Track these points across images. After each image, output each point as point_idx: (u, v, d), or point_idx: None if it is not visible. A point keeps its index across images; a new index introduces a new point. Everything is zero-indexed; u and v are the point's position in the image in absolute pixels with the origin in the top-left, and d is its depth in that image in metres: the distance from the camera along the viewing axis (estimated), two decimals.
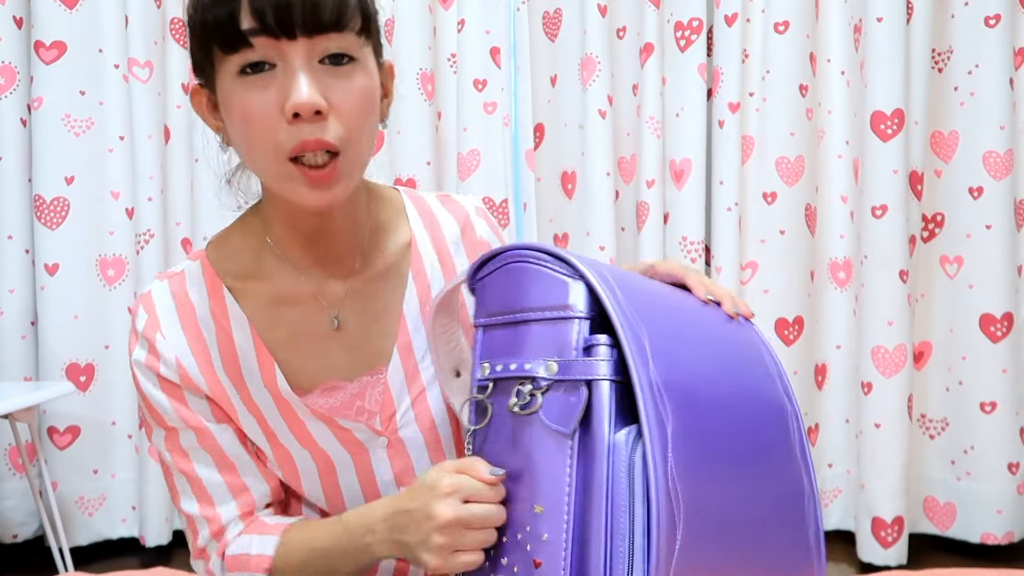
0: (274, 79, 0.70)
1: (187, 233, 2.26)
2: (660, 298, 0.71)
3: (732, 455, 0.66)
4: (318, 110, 0.69)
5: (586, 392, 0.63)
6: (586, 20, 2.21)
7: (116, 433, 2.24)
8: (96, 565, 2.15)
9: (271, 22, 0.68)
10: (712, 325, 0.73)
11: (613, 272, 0.69)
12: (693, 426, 0.63)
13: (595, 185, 2.22)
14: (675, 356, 0.65)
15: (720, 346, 0.71)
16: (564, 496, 0.63)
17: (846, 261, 2.21)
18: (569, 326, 0.65)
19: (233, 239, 0.85)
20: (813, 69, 2.23)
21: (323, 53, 0.70)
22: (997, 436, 2.14)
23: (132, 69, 2.21)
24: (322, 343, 0.82)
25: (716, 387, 0.67)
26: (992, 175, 2.13)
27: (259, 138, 0.71)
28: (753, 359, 0.73)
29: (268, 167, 0.73)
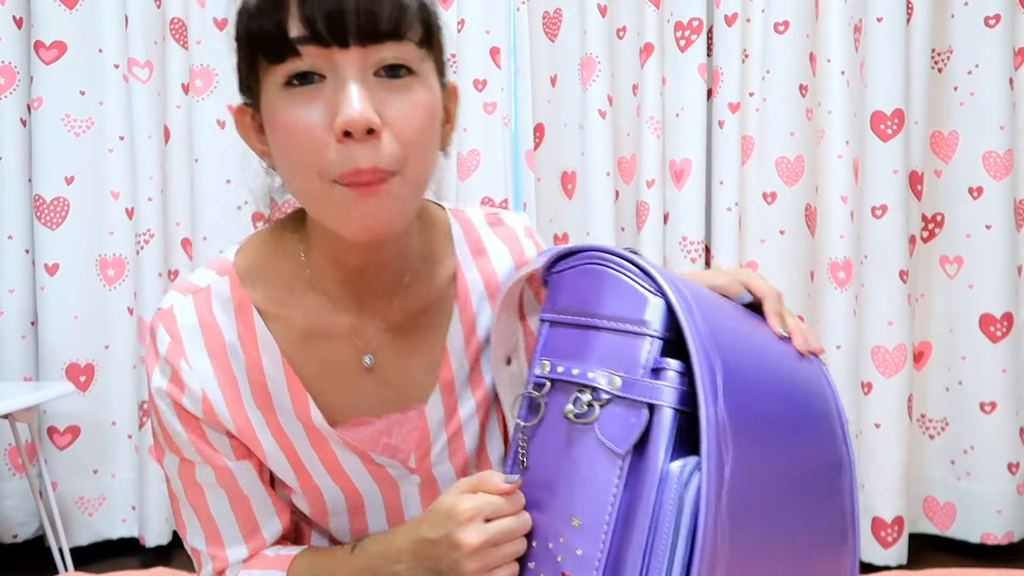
0: (323, 92, 0.63)
1: (187, 233, 2.26)
2: (736, 325, 0.68)
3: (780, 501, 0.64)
4: (371, 128, 0.62)
5: (647, 415, 0.60)
6: (586, 20, 2.21)
7: (116, 433, 2.24)
8: (96, 565, 2.15)
9: (321, 29, 0.62)
10: (783, 363, 0.69)
11: (693, 291, 0.65)
12: (749, 468, 0.60)
13: (595, 185, 2.22)
14: (744, 394, 0.62)
15: (787, 388, 0.68)
16: (606, 515, 0.61)
17: (846, 261, 2.21)
18: (641, 342, 0.63)
19: (265, 257, 0.77)
20: (813, 69, 2.23)
21: (378, 64, 0.64)
22: (997, 436, 2.14)
23: (132, 69, 2.20)
24: (354, 380, 0.78)
25: (777, 430, 0.65)
26: (992, 175, 2.13)
27: (303, 156, 0.64)
28: (817, 406, 0.70)
29: (311, 189, 0.65)
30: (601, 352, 0.64)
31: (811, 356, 0.72)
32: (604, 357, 0.64)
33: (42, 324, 2.18)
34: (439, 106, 0.69)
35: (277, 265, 0.76)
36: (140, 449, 2.22)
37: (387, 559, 0.70)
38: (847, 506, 0.69)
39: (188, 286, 0.76)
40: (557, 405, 0.66)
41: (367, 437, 0.78)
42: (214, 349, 0.74)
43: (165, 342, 0.73)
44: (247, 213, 2.26)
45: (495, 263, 0.83)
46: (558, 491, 0.65)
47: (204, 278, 0.76)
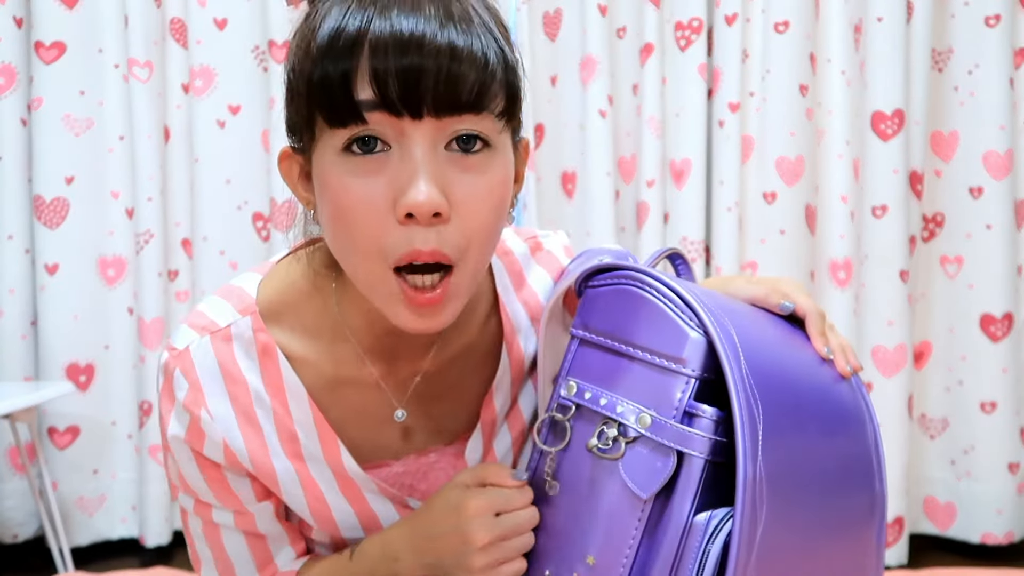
0: (387, 164, 0.57)
1: (187, 233, 2.26)
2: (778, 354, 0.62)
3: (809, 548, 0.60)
4: (438, 211, 0.56)
5: (675, 462, 0.57)
6: (586, 20, 2.21)
7: (116, 433, 2.24)
8: (96, 565, 2.15)
9: (393, 95, 0.55)
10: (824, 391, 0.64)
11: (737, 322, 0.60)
12: (783, 521, 0.57)
13: (595, 185, 2.22)
14: (784, 445, 0.57)
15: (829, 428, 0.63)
16: (623, 559, 0.59)
17: (846, 261, 2.20)
18: (676, 381, 0.58)
19: (293, 297, 0.71)
20: (813, 69, 2.23)
21: (452, 136, 0.58)
22: (997, 436, 2.14)
23: (132, 69, 2.20)
24: (384, 429, 0.74)
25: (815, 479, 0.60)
26: (992, 175, 2.13)
27: (360, 237, 0.58)
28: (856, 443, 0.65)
29: (365, 272, 0.60)
30: (632, 384, 0.61)
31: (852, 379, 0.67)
32: (635, 390, 0.60)
33: (42, 324, 2.18)
34: (512, 179, 0.63)
35: (306, 309, 0.71)
36: (140, 449, 2.22)
37: (385, 559, 0.68)
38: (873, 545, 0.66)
39: (205, 323, 0.70)
40: (582, 433, 0.63)
41: (400, 481, 0.75)
42: (237, 396, 0.69)
43: (183, 389, 0.68)
44: (247, 213, 2.26)
45: (537, 290, 0.79)
46: (577, 523, 0.62)
47: (222, 314, 0.70)
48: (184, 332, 0.70)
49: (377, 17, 0.56)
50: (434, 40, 0.55)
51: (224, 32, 2.23)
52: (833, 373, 0.66)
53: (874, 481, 0.66)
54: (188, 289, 2.26)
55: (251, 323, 0.69)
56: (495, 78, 0.58)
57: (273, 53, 2.17)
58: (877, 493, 0.66)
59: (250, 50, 2.25)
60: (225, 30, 2.23)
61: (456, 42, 0.56)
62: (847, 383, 0.66)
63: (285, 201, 2.17)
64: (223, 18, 2.23)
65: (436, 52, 0.55)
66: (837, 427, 0.63)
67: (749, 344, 0.59)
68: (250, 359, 0.69)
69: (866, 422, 0.67)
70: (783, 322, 0.68)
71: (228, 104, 2.24)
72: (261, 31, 2.21)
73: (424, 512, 0.68)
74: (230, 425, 0.68)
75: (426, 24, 0.56)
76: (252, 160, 2.24)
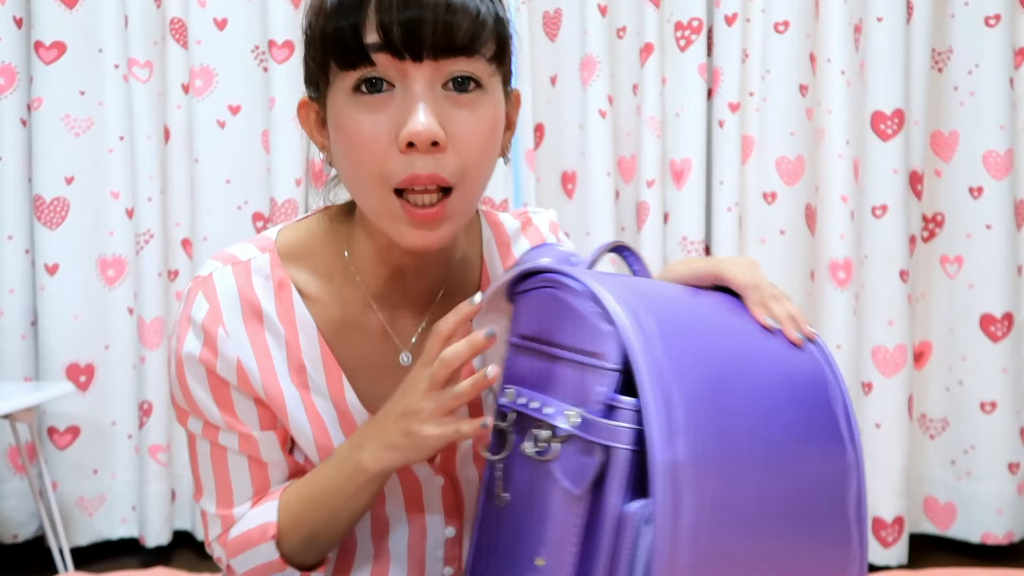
0: (391, 101, 0.64)
1: (187, 233, 2.26)
2: (714, 337, 0.63)
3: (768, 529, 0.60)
4: (435, 141, 0.63)
5: (602, 456, 0.58)
6: (586, 20, 2.21)
7: (116, 433, 2.24)
8: (96, 565, 2.15)
9: (397, 40, 0.62)
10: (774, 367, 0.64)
11: (656, 308, 0.61)
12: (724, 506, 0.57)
13: (595, 185, 2.22)
14: (714, 423, 0.58)
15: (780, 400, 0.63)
16: (568, 557, 0.60)
17: (846, 261, 2.21)
18: (595, 377, 0.59)
19: (308, 242, 0.77)
20: (813, 69, 2.23)
21: (448, 77, 0.65)
22: (997, 436, 2.15)
23: (132, 69, 2.20)
24: (389, 374, 0.76)
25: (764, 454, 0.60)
26: (992, 175, 2.13)
27: (366, 164, 0.65)
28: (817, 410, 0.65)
29: (371, 196, 0.67)
30: (560, 385, 0.62)
31: (809, 344, 0.67)
32: (563, 391, 0.61)
33: (42, 324, 2.18)
34: (503, 118, 0.70)
35: (320, 253, 0.77)
36: (140, 449, 2.22)
37: (351, 448, 0.71)
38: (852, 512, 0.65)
39: (228, 257, 0.76)
40: (521, 439, 0.64)
41: None
42: (251, 320, 0.74)
43: (203, 309, 0.73)
44: (247, 213, 2.26)
45: None
46: (524, 527, 0.63)
47: (245, 252, 0.76)
48: (209, 263, 0.76)
49: None
50: None
51: (224, 32, 2.23)
52: (785, 344, 0.66)
53: (844, 449, 0.65)
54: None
55: (269, 259, 0.75)
56: (486, 27, 0.66)
57: (273, 53, 2.17)
58: (851, 462, 0.65)
59: (250, 50, 2.25)
60: (225, 30, 2.23)
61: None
62: (805, 352, 0.66)
63: (285, 201, 2.17)
64: (223, 18, 2.23)
65: (434, 6, 0.63)
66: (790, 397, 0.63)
67: (669, 328, 0.60)
68: (267, 291, 0.75)
69: (829, 389, 0.66)
70: (728, 299, 0.68)
71: (228, 104, 2.24)
72: (261, 31, 2.21)
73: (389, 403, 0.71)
74: (244, 345, 0.73)
75: None
76: (252, 160, 2.24)
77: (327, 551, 0.77)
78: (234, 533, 0.76)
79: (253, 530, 0.75)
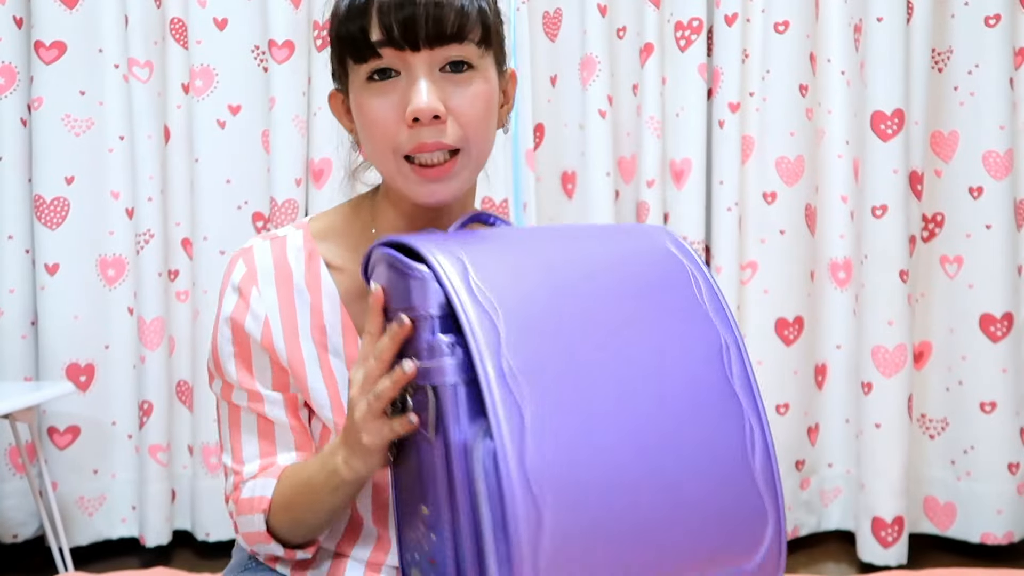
0: (398, 86, 0.77)
1: (187, 233, 2.26)
2: (538, 251, 0.68)
3: (637, 424, 0.61)
4: (437, 115, 0.75)
5: (433, 396, 0.62)
6: (586, 20, 2.21)
7: (116, 433, 2.24)
8: (96, 565, 2.15)
9: (397, 35, 0.75)
10: (611, 261, 0.68)
11: (476, 247, 0.66)
12: (567, 400, 0.59)
13: (595, 185, 2.22)
14: (543, 330, 0.61)
15: (623, 291, 0.66)
16: (441, 500, 0.62)
17: (846, 261, 2.21)
18: (422, 325, 0.64)
19: (337, 221, 0.88)
20: (813, 69, 2.23)
21: (444, 61, 0.76)
22: (997, 436, 2.14)
23: (132, 69, 2.20)
24: None
25: (596, 340, 0.62)
26: (992, 175, 2.13)
27: (381, 138, 0.78)
28: (669, 291, 0.68)
29: (386, 165, 0.79)
30: (407, 344, 0.66)
31: (651, 230, 0.74)
32: (408, 348, 0.66)
33: (42, 324, 2.18)
34: (496, 93, 0.81)
35: (347, 228, 0.87)
36: (140, 449, 2.22)
37: (332, 452, 0.76)
38: (738, 383, 0.66)
39: (268, 235, 0.88)
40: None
41: None
42: (282, 285, 0.84)
43: (241, 272, 0.84)
44: (247, 213, 2.26)
45: None
46: (410, 482, 0.67)
47: (283, 231, 0.88)
48: (251, 239, 0.88)
49: None
50: None
51: (224, 32, 2.23)
52: (628, 237, 0.72)
53: (702, 322, 0.67)
54: (188, 289, 2.26)
55: (302, 235, 0.87)
56: (470, 17, 0.76)
57: (273, 53, 2.17)
58: (715, 334, 0.67)
59: (250, 50, 2.24)
60: (225, 30, 2.23)
61: None
62: (644, 236, 0.73)
63: (285, 201, 2.17)
64: (223, 18, 2.23)
65: (424, 4, 0.74)
66: (621, 273, 0.67)
67: (487, 259, 0.65)
68: (298, 261, 0.85)
69: (672, 262, 0.70)
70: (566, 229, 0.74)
71: (228, 104, 2.24)
72: (261, 31, 2.21)
73: None
74: (272, 305, 0.84)
75: None
76: (252, 160, 2.24)
77: (313, 536, 0.84)
78: (244, 494, 0.84)
79: (254, 499, 0.83)
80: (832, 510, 2.30)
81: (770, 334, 2.23)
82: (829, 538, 2.31)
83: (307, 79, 2.21)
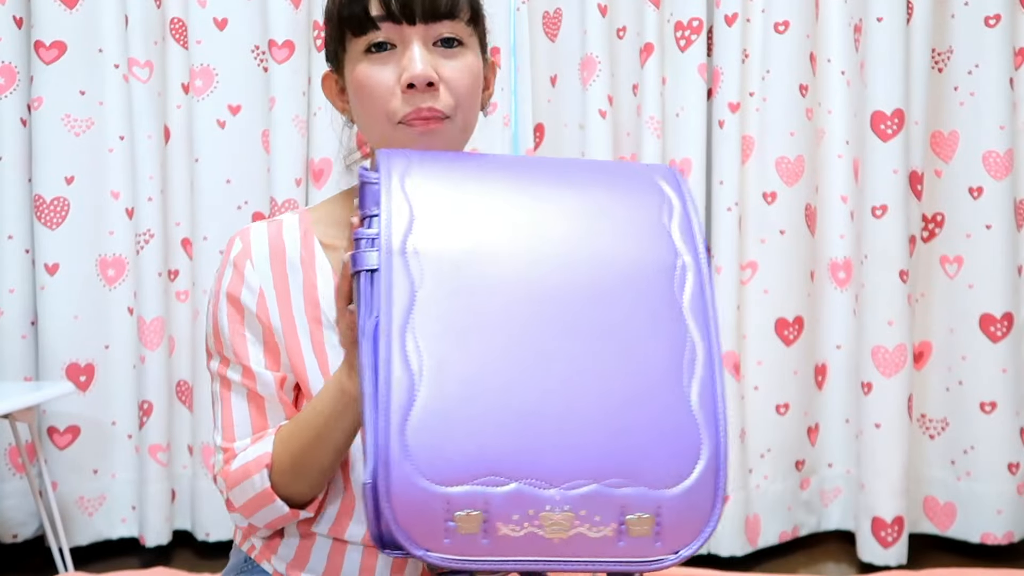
0: (394, 56, 0.83)
1: (187, 233, 2.26)
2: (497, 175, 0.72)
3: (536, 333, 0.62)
4: (430, 82, 0.81)
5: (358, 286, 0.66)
6: (586, 20, 2.20)
7: (116, 433, 2.24)
8: (96, 565, 2.15)
9: (396, 10, 0.81)
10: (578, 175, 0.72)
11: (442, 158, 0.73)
12: (464, 282, 0.62)
13: None
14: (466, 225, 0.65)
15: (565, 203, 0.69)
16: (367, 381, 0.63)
17: (846, 261, 2.21)
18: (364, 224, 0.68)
19: (331, 205, 0.93)
20: (813, 69, 2.23)
21: (436, 37, 0.83)
22: (997, 436, 2.14)
23: (132, 69, 2.20)
24: None
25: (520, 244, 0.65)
26: (992, 175, 2.13)
27: (376, 104, 0.83)
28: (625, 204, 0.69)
29: (380, 131, 0.84)
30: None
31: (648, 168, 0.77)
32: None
33: (42, 324, 2.18)
34: (481, 72, 0.87)
35: (339, 208, 0.92)
36: (140, 449, 2.22)
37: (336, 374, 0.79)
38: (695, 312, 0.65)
39: (266, 219, 0.93)
40: None
41: None
42: (277, 261, 0.89)
43: (237, 248, 0.89)
44: (247, 213, 2.26)
45: None
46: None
47: (281, 216, 0.93)
48: (250, 223, 0.94)
49: None
50: None
51: (224, 32, 2.23)
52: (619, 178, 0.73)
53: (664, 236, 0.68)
54: (188, 289, 2.26)
55: (299, 216, 0.92)
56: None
57: (273, 53, 2.17)
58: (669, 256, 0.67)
59: (250, 50, 2.24)
60: (225, 30, 2.23)
61: None
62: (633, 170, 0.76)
63: (285, 201, 2.17)
64: (223, 18, 2.23)
65: None
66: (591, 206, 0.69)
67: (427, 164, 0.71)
68: (293, 240, 0.90)
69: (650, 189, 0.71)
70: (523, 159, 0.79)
71: (228, 104, 2.24)
72: (261, 31, 2.21)
73: None
74: (267, 279, 0.88)
75: None
76: (252, 160, 2.24)
77: (316, 485, 0.84)
78: (235, 465, 0.85)
79: (250, 462, 0.84)
80: (832, 510, 2.30)
81: (770, 334, 2.23)
82: (829, 538, 2.31)
83: (307, 79, 2.21)
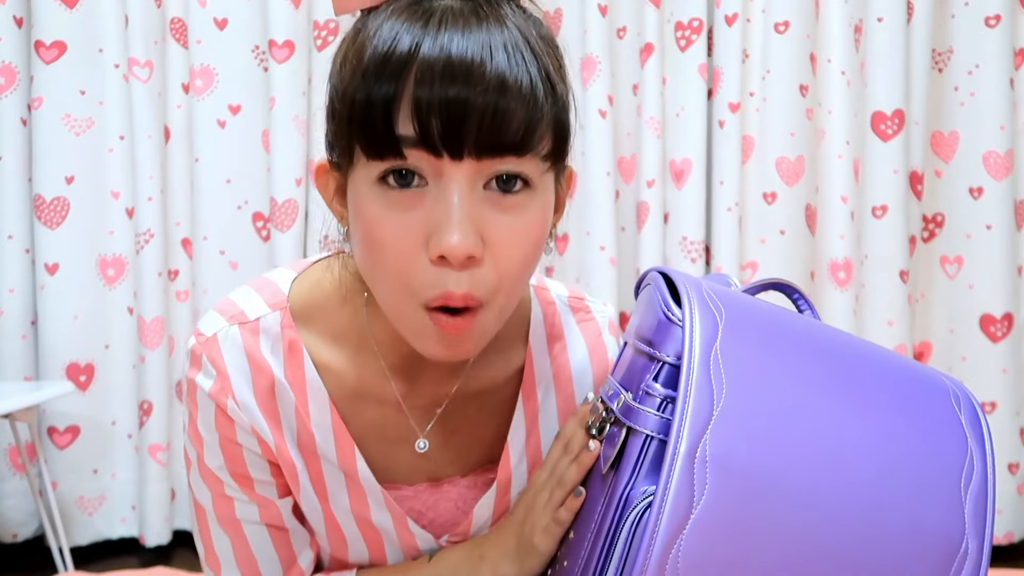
0: (423, 200, 0.55)
1: (187, 233, 2.26)
2: (802, 352, 0.59)
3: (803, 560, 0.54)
4: (472, 255, 0.55)
5: (623, 437, 0.58)
6: (586, 20, 2.21)
7: (116, 433, 2.24)
8: (96, 565, 2.15)
9: (435, 134, 0.53)
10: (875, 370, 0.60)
11: (741, 314, 0.59)
12: (747, 512, 0.53)
13: (595, 185, 2.22)
14: (762, 430, 0.55)
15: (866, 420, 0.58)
16: (587, 533, 0.60)
17: (846, 261, 2.21)
18: (650, 364, 0.59)
19: (324, 303, 0.70)
20: (813, 69, 2.23)
21: (491, 175, 0.55)
22: (997, 436, 2.14)
23: (132, 69, 2.20)
24: (400, 446, 0.73)
25: (816, 476, 0.55)
26: (992, 175, 2.13)
27: (391, 269, 0.57)
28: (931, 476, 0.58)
29: (395, 305, 0.59)
30: (627, 370, 0.63)
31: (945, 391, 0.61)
32: (627, 375, 0.62)
33: (42, 324, 2.18)
34: (550, 224, 0.61)
35: (336, 316, 0.70)
36: (140, 449, 2.22)
37: (471, 559, 0.70)
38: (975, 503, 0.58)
39: (235, 312, 0.69)
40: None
41: (409, 505, 0.75)
42: (260, 384, 0.68)
43: (209, 380, 0.68)
44: (247, 213, 2.26)
45: (570, 354, 0.76)
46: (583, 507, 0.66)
47: (253, 307, 0.69)
48: (213, 318, 0.69)
49: (427, 37, 0.54)
50: (483, 68, 0.53)
51: (224, 32, 2.23)
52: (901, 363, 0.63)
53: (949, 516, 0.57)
54: (188, 289, 2.26)
55: (280, 319, 0.69)
56: (543, 117, 0.55)
57: (273, 53, 2.17)
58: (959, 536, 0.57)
59: (250, 50, 2.24)
60: (225, 30, 2.23)
61: (505, 73, 0.53)
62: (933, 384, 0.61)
63: (285, 201, 2.17)
64: (223, 18, 2.23)
65: (483, 82, 0.52)
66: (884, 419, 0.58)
67: (742, 335, 0.58)
68: (275, 355, 0.69)
69: (942, 390, 0.61)
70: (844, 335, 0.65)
71: (228, 104, 2.24)
72: (261, 31, 2.21)
73: (512, 511, 0.71)
74: (254, 414, 0.68)
75: (476, 47, 0.53)
76: (252, 160, 2.24)
77: None
78: None
79: None
80: None
81: None
82: None
83: (307, 79, 2.21)
